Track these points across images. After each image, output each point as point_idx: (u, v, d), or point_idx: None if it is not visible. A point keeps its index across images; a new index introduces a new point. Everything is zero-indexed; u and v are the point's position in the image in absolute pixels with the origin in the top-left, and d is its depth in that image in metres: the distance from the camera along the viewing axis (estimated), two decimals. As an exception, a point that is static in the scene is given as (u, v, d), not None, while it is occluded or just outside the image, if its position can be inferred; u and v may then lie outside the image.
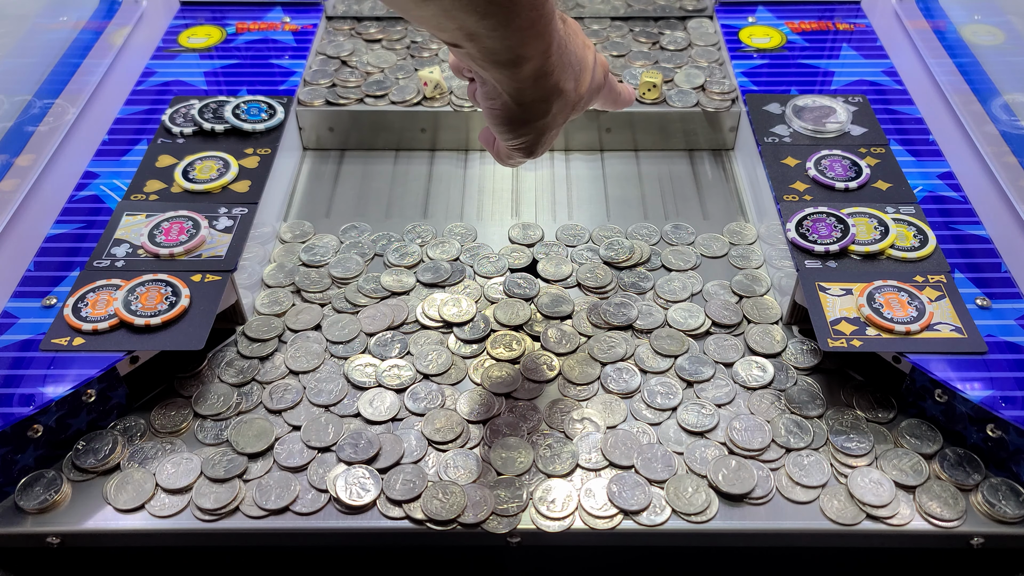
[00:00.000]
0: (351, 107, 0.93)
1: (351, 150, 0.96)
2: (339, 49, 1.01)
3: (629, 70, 0.98)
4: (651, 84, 0.92)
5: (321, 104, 0.93)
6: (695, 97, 0.93)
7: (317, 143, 0.95)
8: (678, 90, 0.94)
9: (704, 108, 0.92)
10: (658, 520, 0.61)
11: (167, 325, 0.67)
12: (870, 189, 0.79)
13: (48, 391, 0.63)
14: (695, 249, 0.82)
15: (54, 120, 0.94)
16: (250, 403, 0.68)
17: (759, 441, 0.65)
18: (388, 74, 0.97)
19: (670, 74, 0.97)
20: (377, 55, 1.00)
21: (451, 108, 0.92)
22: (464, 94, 0.92)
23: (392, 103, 0.93)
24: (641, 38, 1.04)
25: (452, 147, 0.95)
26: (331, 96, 0.94)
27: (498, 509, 0.61)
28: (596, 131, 0.94)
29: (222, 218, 0.76)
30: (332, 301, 0.77)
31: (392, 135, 0.94)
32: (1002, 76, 0.94)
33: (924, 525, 0.61)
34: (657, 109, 0.93)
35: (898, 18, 1.12)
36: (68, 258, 0.74)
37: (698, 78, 0.96)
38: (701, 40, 1.03)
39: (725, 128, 0.94)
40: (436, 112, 0.92)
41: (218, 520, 0.61)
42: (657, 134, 0.94)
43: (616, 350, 0.72)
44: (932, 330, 0.66)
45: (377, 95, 0.94)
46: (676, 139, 0.95)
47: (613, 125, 0.93)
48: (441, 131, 0.94)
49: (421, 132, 0.94)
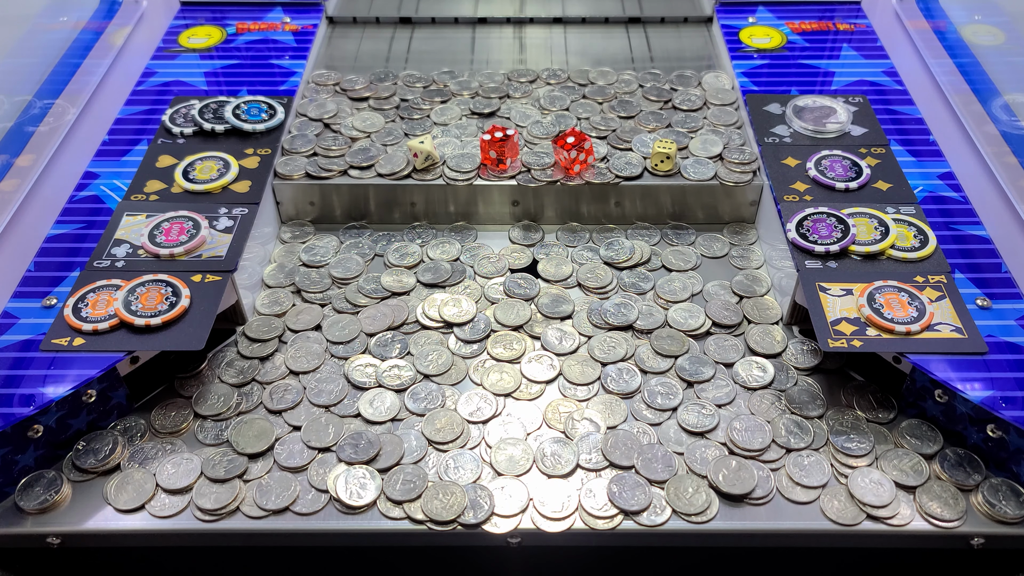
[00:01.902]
0: (334, 180, 0.84)
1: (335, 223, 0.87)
2: (322, 110, 0.92)
3: (639, 136, 0.88)
4: (664, 155, 0.83)
5: (301, 177, 0.84)
6: (712, 168, 0.84)
7: (296, 216, 0.86)
8: (694, 159, 0.86)
9: (722, 181, 0.83)
10: (658, 520, 0.61)
11: (167, 325, 0.67)
12: (870, 189, 0.79)
13: (48, 391, 0.63)
14: (695, 249, 0.82)
15: (54, 120, 0.94)
16: (250, 403, 0.68)
17: (759, 441, 0.65)
18: (375, 140, 0.88)
19: (684, 141, 0.88)
20: (363, 117, 0.91)
21: (443, 181, 0.84)
22: (458, 166, 0.84)
23: (379, 175, 0.84)
24: (651, 95, 0.95)
25: (444, 222, 0.86)
26: (312, 167, 0.84)
27: (498, 509, 0.61)
28: (605, 203, 0.85)
29: (222, 218, 0.76)
30: (332, 301, 0.77)
31: (379, 209, 0.86)
32: (1002, 76, 0.95)
33: (924, 525, 0.61)
34: (671, 183, 0.84)
35: (898, 18, 1.12)
36: (68, 258, 0.74)
37: (715, 145, 0.87)
38: (717, 98, 0.94)
39: (746, 201, 0.85)
40: (427, 185, 0.84)
41: (218, 520, 0.61)
42: (671, 207, 0.86)
43: (616, 350, 0.72)
44: (932, 330, 0.66)
45: (362, 166, 0.85)
46: (692, 213, 0.86)
47: (623, 199, 0.85)
48: (431, 205, 0.85)
49: (411, 206, 0.85)
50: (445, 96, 0.96)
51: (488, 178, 0.84)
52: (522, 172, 0.84)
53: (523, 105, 0.94)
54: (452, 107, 0.94)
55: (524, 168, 0.85)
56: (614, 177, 0.83)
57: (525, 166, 0.85)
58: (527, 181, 0.83)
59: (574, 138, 0.82)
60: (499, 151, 0.83)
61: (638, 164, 0.84)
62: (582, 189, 0.83)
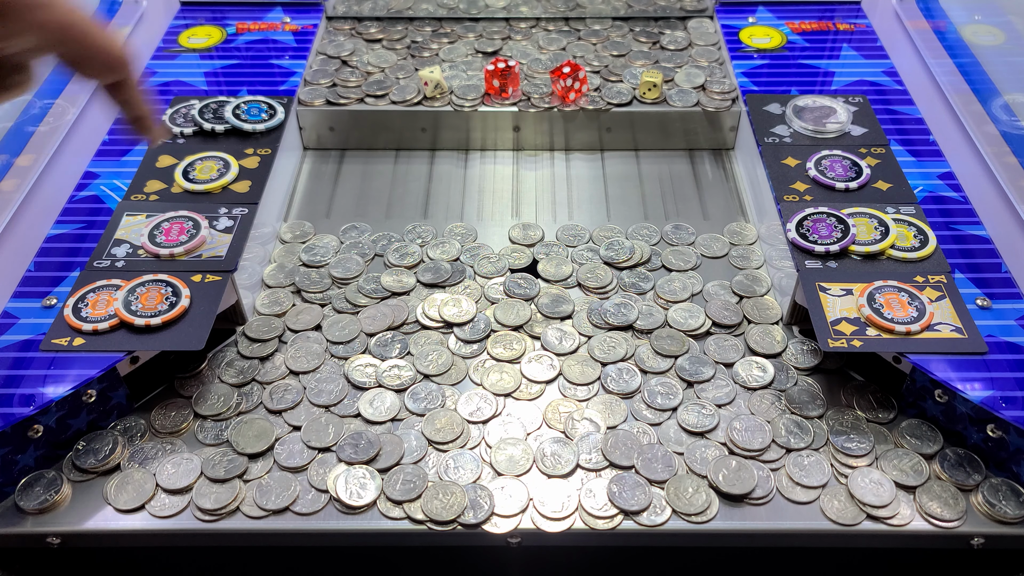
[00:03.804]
0: (352, 107, 0.93)
1: (351, 149, 0.96)
2: (339, 49, 1.01)
3: (629, 69, 0.98)
4: (651, 84, 0.92)
5: (322, 104, 0.93)
6: (695, 96, 0.93)
7: (318, 143, 0.96)
8: (678, 89, 0.94)
9: (704, 108, 0.92)
10: (658, 520, 0.61)
11: (167, 325, 0.67)
12: (870, 189, 0.79)
13: (48, 391, 0.63)
14: (695, 249, 0.82)
15: (54, 120, 0.94)
16: (250, 403, 0.68)
17: (759, 441, 0.65)
18: (388, 74, 0.97)
19: (670, 74, 0.97)
20: (377, 55, 1.00)
21: (452, 108, 0.92)
22: (465, 94, 0.93)
23: (393, 103, 0.93)
24: (641, 38, 1.04)
25: (453, 147, 0.95)
26: (331, 96, 0.94)
27: (498, 509, 0.61)
28: (596, 131, 0.94)
29: (222, 218, 0.76)
30: (332, 301, 0.77)
31: (392, 135, 0.95)
32: (1002, 76, 0.94)
33: (924, 525, 0.61)
34: (657, 109, 0.93)
35: (898, 18, 1.12)
36: (68, 258, 0.74)
37: (698, 78, 0.96)
38: (701, 40, 1.03)
39: (725, 128, 0.94)
40: (436, 112, 0.92)
41: (218, 520, 0.61)
42: (657, 133, 0.94)
43: (616, 350, 0.72)
44: (932, 330, 0.66)
45: (378, 95, 0.94)
46: (676, 139, 0.95)
47: (613, 124, 0.93)
48: (442, 131, 0.94)
49: (421, 132, 0.94)
50: (452, 38, 1.04)
51: (492, 105, 0.92)
52: (522, 100, 0.92)
53: (523, 45, 1.02)
54: (459, 47, 1.02)
55: (524, 96, 0.93)
56: (606, 104, 0.91)
57: (525, 95, 0.93)
58: (527, 107, 0.91)
59: (569, 68, 0.90)
60: (502, 80, 0.92)
61: (628, 93, 0.93)
62: (577, 115, 0.91)
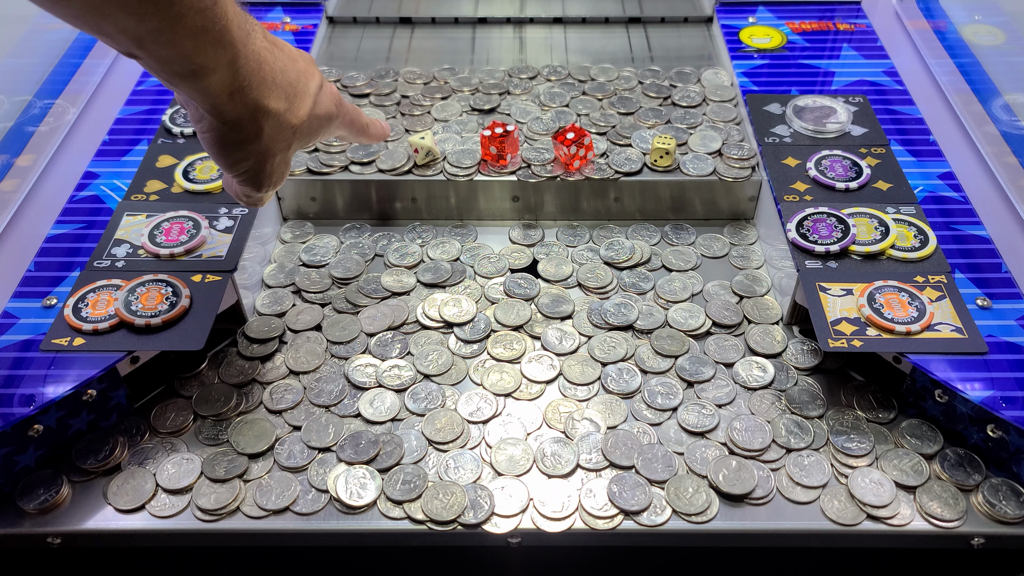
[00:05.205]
0: (335, 176, 0.84)
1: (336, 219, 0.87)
2: None
3: (639, 132, 0.88)
4: (663, 151, 0.83)
5: (303, 173, 0.84)
6: (711, 164, 0.84)
7: (297, 213, 0.86)
8: (693, 155, 0.85)
9: (721, 177, 0.83)
10: (658, 520, 0.61)
11: (167, 325, 0.67)
12: (870, 189, 0.79)
13: (48, 391, 0.63)
14: (695, 249, 0.82)
15: (54, 120, 0.94)
16: (250, 403, 0.68)
17: (759, 441, 0.65)
18: None
19: (683, 137, 0.88)
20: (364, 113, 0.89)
21: (444, 176, 0.84)
22: (459, 161, 0.84)
23: (380, 171, 0.84)
24: (651, 92, 0.94)
25: (444, 217, 0.86)
26: (313, 163, 0.85)
27: (498, 509, 0.61)
28: (604, 199, 0.85)
29: (222, 218, 0.76)
30: (332, 301, 0.77)
31: (380, 205, 0.86)
32: (1002, 76, 0.95)
33: (924, 525, 0.61)
34: (670, 178, 0.83)
35: (898, 18, 1.12)
36: (68, 258, 0.74)
37: (714, 141, 0.87)
38: (716, 95, 0.94)
39: (744, 197, 0.85)
40: (428, 181, 0.84)
41: (218, 520, 0.61)
42: (670, 203, 0.85)
43: (616, 350, 0.72)
44: (932, 330, 0.66)
45: (363, 162, 0.85)
46: (691, 208, 0.85)
47: (622, 194, 0.84)
48: (432, 201, 0.85)
49: (411, 202, 0.85)
50: (445, 93, 0.96)
51: (488, 174, 0.84)
52: (522, 168, 0.84)
53: (523, 101, 0.94)
54: (452, 103, 0.94)
55: (524, 164, 0.85)
56: (613, 173, 0.84)
57: (525, 162, 0.85)
58: (527, 177, 0.83)
59: (574, 134, 0.82)
60: (499, 147, 0.83)
61: (637, 160, 0.85)
62: (582, 184, 0.84)
